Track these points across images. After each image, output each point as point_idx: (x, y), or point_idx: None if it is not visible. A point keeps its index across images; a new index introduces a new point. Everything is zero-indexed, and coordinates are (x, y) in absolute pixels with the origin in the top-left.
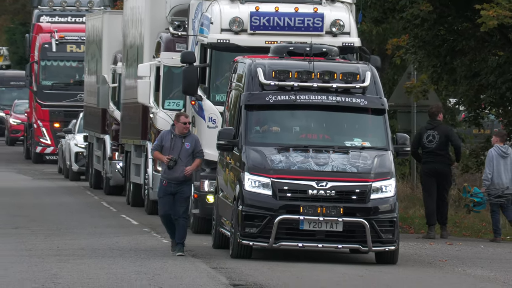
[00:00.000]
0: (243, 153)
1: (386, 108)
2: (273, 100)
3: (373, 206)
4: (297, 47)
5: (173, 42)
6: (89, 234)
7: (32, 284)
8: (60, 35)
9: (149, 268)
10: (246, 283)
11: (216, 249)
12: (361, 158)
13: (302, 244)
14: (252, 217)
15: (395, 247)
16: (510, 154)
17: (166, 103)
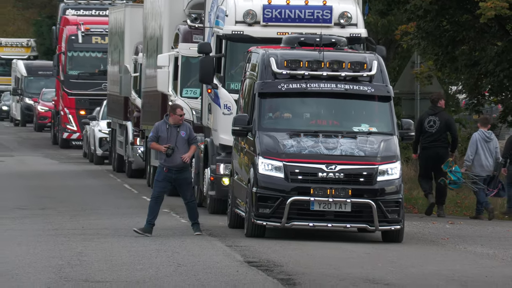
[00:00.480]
0: (257, 138)
1: (391, 95)
2: (285, 88)
3: (380, 188)
4: (308, 37)
5: (190, 33)
6: (112, 214)
7: (58, 261)
8: (86, 27)
9: (168, 246)
10: (260, 260)
11: (232, 228)
12: (368, 142)
13: (313, 224)
14: (265, 198)
15: (400, 226)
16: (493, 140)
17: (184, 91)
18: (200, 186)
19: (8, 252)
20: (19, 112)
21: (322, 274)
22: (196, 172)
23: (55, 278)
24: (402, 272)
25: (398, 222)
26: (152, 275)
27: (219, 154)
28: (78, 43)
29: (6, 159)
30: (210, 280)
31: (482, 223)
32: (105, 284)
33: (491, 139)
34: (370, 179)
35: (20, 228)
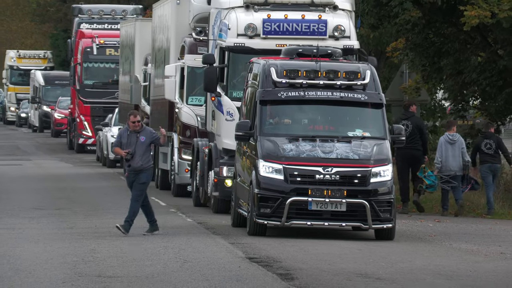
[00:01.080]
0: (258, 142)
1: (383, 102)
2: (284, 96)
3: (373, 189)
4: (305, 49)
5: (195, 45)
6: (123, 214)
7: (73, 258)
8: (100, 40)
9: (175, 243)
10: (260, 256)
11: (235, 227)
12: (362, 146)
13: (311, 222)
14: (266, 199)
15: (392, 224)
16: (458, 141)
17: (190, 99)
18: (205, 187)
19: (26, 250)
20: (37, 119)
21: (318, 269)
22: (201, 174)
23: (70, 274)
24: (392, 267)
25: (390, 220)
26: (160, 271)
27: (222, 157)
28: (93, 54)
29: (24, 163)
30: (214, 275)
31: (466, 220)
32: (116, 279)
33: (455, 141)
34: (364, 181)
35: (37, 227)
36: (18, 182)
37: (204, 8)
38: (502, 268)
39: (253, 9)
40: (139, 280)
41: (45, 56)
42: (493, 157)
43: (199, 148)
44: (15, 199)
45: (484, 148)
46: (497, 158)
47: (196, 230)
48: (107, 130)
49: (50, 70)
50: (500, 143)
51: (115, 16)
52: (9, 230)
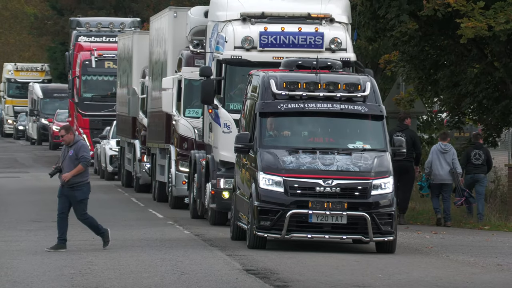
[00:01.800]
0: (258, 154)
1: (384, 114)
2: (284, 108)
3: (374, 201)
4: (305, 61)
5: (192, 58)
6: (120, 226)
7: (70, 270)
8: (99, 53)
9: (173, 255)
10: (257, 268)
11: (234, 240)
12: (362, 158)
13: (311, 235)
14: (266, 211)
15: (393, 237)
16: (449, 151)
17: (187, 111)
18: (202, 199)
19: (23, 262)
20: (36, 132)
21: (315, 281)
22: (198, 186)
23: (67, 286)
24: (390, 278)
25: (391, 233)
26: (157, 283)
27: (219, 169)
28: (92, 67)
29: (22, 175)
30: (211, 287)
31: (463, 232)
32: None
33: (447, 150)
34: (364, 193)
35: (35, 239)
36: (15, 194)
37: (201, 21)
38: (499, 280)
39: (250, 22)
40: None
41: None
42: (479, 167)
43: (196, 160)
44: (12, 211)
45: (473, 159)
46: (482, 168)
47: (193, 242)
48: (105, 143)
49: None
50: (488, 155)
51: (113, 29)
52: (7, 243)
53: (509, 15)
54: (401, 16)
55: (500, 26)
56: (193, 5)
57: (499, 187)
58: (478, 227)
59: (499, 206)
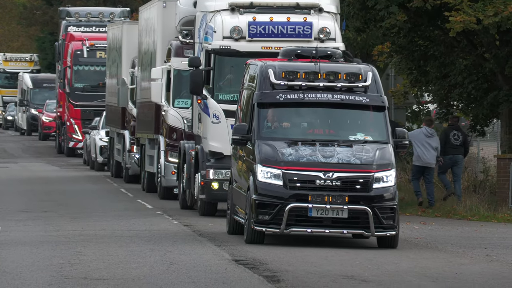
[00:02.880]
0: (256, 146)
1: (386, 105)
2: (283, 98)
3: (376, 195)
4: (304, 50)
5: (182, 48)
6: (109, 217)
7: (59, 260)
8: (91, 42)
9: (162, 246)
10: (246, 259)
11: (231, 235)
12: (364, 150)
13: (311, 230)
14: (264, 205)
15: (395, 232)
16: (434, 136)
17: (176, 102)
18: (192, 190)
19: (12, 252)
20: (25, 122)
21: (304, 271)
22: (188, 176)
23: (56, 276)
24: (378, 269)
25: (393, 228)
26: (146, 273)
27: (208, 160)
28: (83, 57)
29: (11, 165)
30: (200, 277)
31: (452, 222)
32: (102, 281)
33: (432, 135)
34: (366, 186)
35: (24, 229)
36: (4, 184)
37: (191, 11)
38: (487, 271)
39: (238, 12)
40: (125, 283)
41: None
42: (457, 148)
43: (186, 150)
44: (1, 201)
45: (452, 139)
46: (460, 150)
47: (182, 232)
48: (95, 133)
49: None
50: (466, 137)
51: (103, 18)
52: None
53: (498, 8)
54: (390, 7)
55: (489, 19)
56: None
57: (488, 178)
58: (467, 218)
59: (488, 197)
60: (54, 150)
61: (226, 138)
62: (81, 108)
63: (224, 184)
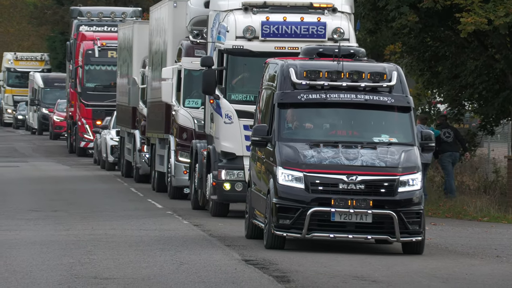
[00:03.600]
0: (277, 148)
1: (411, 106)
2: (304, 98)
3: (401, 199)
4: (326, 48)
5: (192, 48)
6: (119, 216)
7: (69, 259)
8: (102, 42)
9: (172, 245)
10: (256, 259)
11: (250, 239)
12: (388, 153)
13: (334, 235)
14: (285, 209)
15: (421, 237)
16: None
17: (186, 101)
18: (203, 190)
19: (22, 251)
20: (36, 121)
21: (314, 271)
22: (199, 176)
23: (66, 276)
24: (389, 270)
25: (419, 233)
26: (156, 273)
27: (220, 160)
28: (95, 57)
29: (21, 165)
30: (210, 277)
31: (462, 223)
32: (112, 281)
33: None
34: (391, 190)
35: (34, 229)
36: (14, 184)
37: (201, 11)
38: (498, 271)
39: (251, 11)
40: (135, 282)
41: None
42: (452, 145)
43: (198, 150)
44: (11, 200)
45: (444, 137)
46: (456, 146)
47: (192, 232)
48: (106, 133)
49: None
50: (457, 132)
51: (115, 18)
52: (6, 232)
53: (509, 8)
54: (401, 8)
55: (500, 20)
56: None
57: (499, 179)
58: (477, 219)
59: (499, 198)
60: (64, 150)
61: (239, 139)
62: (92, 108)
63: (236, 185)
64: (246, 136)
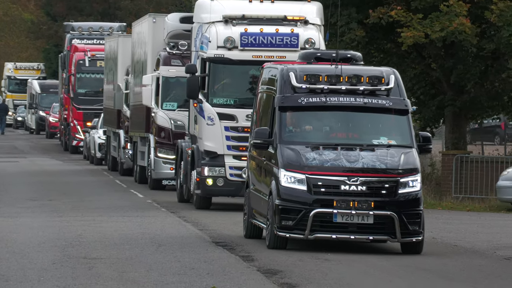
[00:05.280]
0: (278, 150)
1: (409, 108)
2: (305, 102)
3: (401, 200)
4: (324, 53)
5: (169, 58)
6: (106, 205)
7: (62, 242)
8: (92, 53)
9: (151, 229)
10: (225, 241)
11: (248, 239)
12: (388, 155)
13: (336, 235)
14: (288, 210)
15: (421, 237)
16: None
17: (164, 104)
18: (188, 185)
19: (21, 235)
20: (34, 122)
21: (275, 252)
22: (184, 173)
23: (60, 256)
24: (340, 250)
25: (419, 234)
26: (138, 253)
27: (203, 158)
28: (86, 66)
29: (20, 160)
30: (184, 257)
31: None
32: (100, 260)
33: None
34: (392, 192)
35: (31, 215)
36: (14, 176)
37: (177, 26)
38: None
39: (231, 23)
40: (120, 261)
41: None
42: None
43: (183, 149)
44: (12, 191)
45: None
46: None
47: (169, 218)
48: (94, 132)
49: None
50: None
51: (103, 32)
52: (7, 218)
53: (444, 24)
54: (350, 24)
55: (436, 34)
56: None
57: (434, 171)
58: None
59: (434, 188)
60: (59, 147)
61: (220, 139)
62: (83, 111)
63: (218, 181)
64: (227, 137)
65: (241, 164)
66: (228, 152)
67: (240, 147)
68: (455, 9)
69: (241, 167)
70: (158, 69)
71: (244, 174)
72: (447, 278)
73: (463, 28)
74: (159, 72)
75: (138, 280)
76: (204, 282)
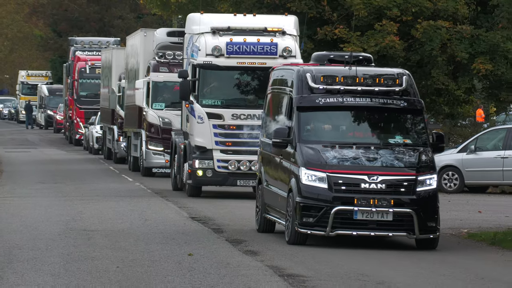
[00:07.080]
0: (298, 150)
1: (423, 108)
2: (322, 102)
3: (420, 198)
4: (337, 55)
5: (158, 66)
6: (102, 187)
7: (66, 217)
8: (92, 62)
9: (139, 207)
10: (199, 216)
11: (261, 233)
12: (405, 154)
13: (356, 232)
14: (309, 208)
15: (438, 234)
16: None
17: (154, 105)
18: (181, 175)
19: (32, 211)
20: (43, 120)
21: (241, 225)
22: (178, 165)
23: (64, 229)
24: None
25: (435, 230)
26: (128, 227)
27: (194, 152)
28: (87, 73)
29: (32, 151)
30: (166, 229)
31: None
32: (97, 232)
33: None
34: (410, 189)
35: (41, 195)
36: (26, 164)
37: (164, 39)
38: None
39: (218, 34)
40: (113, 233)
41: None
42: None
43: (176, 143)
44: (25, 175)
45: None
46: None
47: (154, 198)
48: (93, 128)
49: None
50: None
51: (101, 45)
52: (21, 197)
53: (378, 40)
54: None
55: (371, 48)
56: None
57: None
58: None
59: None
60: (64, 140)
61: (209, 135)
62: (84, 110)
63: (207, 172)
64: (215, 133)
65: (228, 157)
66: (216, 147)
67: (226, 143)
68: (387, 28)
69: (227, 160)
70: (148, 75)
71: (231, 166)
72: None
73: (394, 44)
74: (150, 78)
75: (128, 248)
76: (182, 249)
